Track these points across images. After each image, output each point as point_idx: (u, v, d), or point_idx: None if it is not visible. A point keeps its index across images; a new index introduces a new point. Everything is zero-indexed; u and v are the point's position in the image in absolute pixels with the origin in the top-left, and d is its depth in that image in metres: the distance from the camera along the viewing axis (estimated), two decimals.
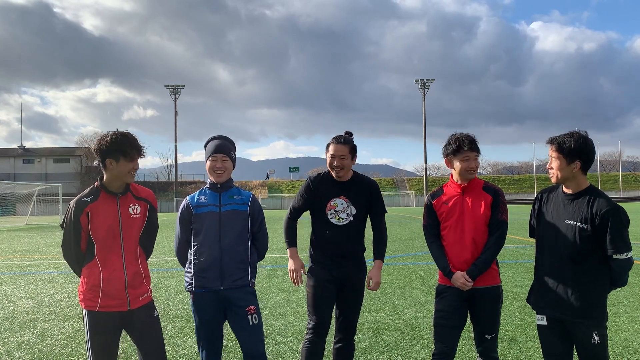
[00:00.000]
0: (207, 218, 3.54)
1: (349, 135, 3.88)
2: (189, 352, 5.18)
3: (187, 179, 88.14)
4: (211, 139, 3.70)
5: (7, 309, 7.32)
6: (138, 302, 3.26)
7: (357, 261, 3.89)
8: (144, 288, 3.31)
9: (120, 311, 3.20)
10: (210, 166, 3.58)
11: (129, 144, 3.16)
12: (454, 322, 3.50)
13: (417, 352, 5.02)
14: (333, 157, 3.77)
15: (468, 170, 3.49)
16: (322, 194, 3.84)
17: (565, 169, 3.10)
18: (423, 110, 76.98)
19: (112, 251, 3.19)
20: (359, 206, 3.83)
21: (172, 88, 77.96)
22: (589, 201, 3.07)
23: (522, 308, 6.69)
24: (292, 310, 6.85)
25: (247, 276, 3.56)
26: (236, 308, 3.49)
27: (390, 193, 75.07)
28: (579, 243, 3.07)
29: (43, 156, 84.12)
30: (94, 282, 3.18)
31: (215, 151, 3.57)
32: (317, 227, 3.87)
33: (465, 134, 3.53)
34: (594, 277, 3.09)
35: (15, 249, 17.05)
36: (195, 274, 3.53)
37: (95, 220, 3.16)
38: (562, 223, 3.14)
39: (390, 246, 14.88)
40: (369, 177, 4.04)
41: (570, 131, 3.13)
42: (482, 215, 3.47)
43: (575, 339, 3.15)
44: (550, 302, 3.18)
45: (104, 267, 3.18)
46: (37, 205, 48.83)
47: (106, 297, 3.17)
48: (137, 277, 3.27)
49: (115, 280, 3.18)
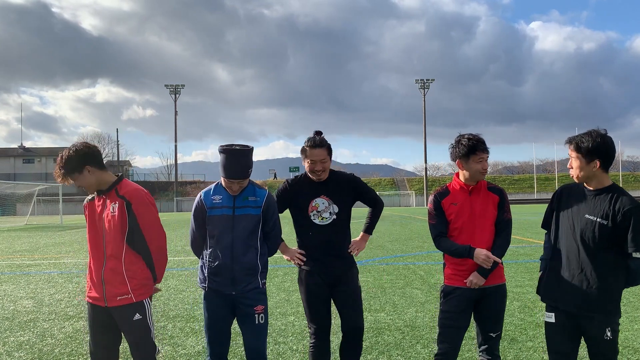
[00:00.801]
0: (221, 223, 3.50)
1: (320, 134, 3.80)
2: (189, 352, 5.18)
3: (187, 179, 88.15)
4: (226, 151, 3.42)
5: (8, 309, 7.32)
6: (115, 302, 3.28)
7: (346, 260, 3.85)
8: (124, 289, 3.27)
9: (100, 305, 3.33)
10: (226, 185, 3.51)
11: (99, 153, 3.44)
12: (460, 323, 3.50)
13: (417, 352, 5.03)
14: (314, 162, 3.72)
15: (482, 171, 3.48)
16: (301, 195, 3.81)
17: (585, 168, 3.12)
18: (423, 110, 77.00)
19: (96, 247, 3.36)
20: (341, 204, 3.81)
21: (172, 88, 77.98)
22: (611, 198, 3.08)
23: (522, 308, 6.69)
24: (292, 310, 6.85)
25: (258, 279, 3.56)
26: (245, 307, 3.51)
27: (390, 193, 74.99)
28: (597, 238, 3.07)
29: (43, 156, 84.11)
30: (88, 273, 3.44)
31: (230, 177, 3.43)
32: (301, 229, 3.85)
33: (475, 134, 3.51)
34: (610, 273, 3.10)
35: (16, 248, 17.05)
36: (209, 275, 3.55)
37: (87, 217, 3.43)
38: (582, 218, 3.14)
39: (390, 246, 14.88)
40: (345, 172, 4.03)
41: (589, 130, 3.14)
42: (490, 215, 3.49)
43: (587, 334, 3.16)
44: (565, 296, 3.18)
45: (92, 261, 3.40)
46: (37, 205, 48.83)
47: (91, 289, 3.38)
48: (116, 275, 3.27)
49: (95, 275, 3.35)
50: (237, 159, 3.43)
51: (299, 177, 3.93)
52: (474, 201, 3.51)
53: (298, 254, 3.81)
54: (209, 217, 3.53)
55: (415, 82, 77.70)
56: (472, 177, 3.50)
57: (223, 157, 3.44)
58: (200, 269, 3.64)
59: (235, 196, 3.53)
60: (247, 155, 3.46)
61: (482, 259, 3.35)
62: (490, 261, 3.35)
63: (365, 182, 4.04)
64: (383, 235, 18.62)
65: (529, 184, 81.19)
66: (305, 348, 5.10)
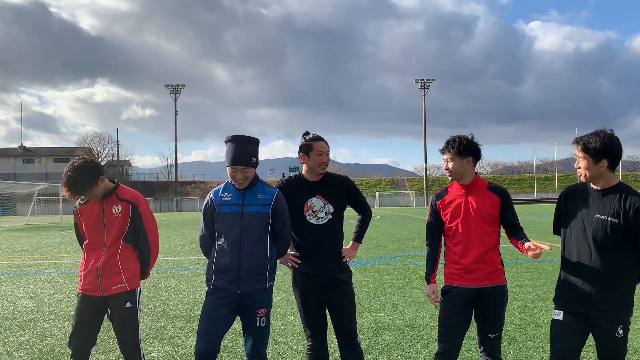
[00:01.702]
0: (229, 220, 3.50)
1: (309, 134, 3.87)
2: (189, 352, 5.18)
3: (187, 179, 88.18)
4: (231, 140, 3.50)
5: (8, 309, 7.32)
6: (110, 291, 3.61)
7: (340, 261, 3.83)
8: (119, 279, 3.62)
9: (95, 296, 3.61)
10: (230, 175, 3.51)
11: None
12: (459, 322, 3.50)
13: (418, 352, 5.02)
14: (322, 154, 3.76)
15: (446, 171, 3.58)
16: (297, 195, 3.80)
17: (592, 168, 3.13)
18: (423, 110, 77.04)
19: (94, 244, 3.65)
20: (335, 204, 3.82)
21: (172, 88, 78.00)
22: (620, 196, 3.11)
23: (522, 308, 6.69)
24: (292, 310, 6.84)
25: (265, 280, 3.54)
26: (248, 309, 3.49)
27: (390, 193, 74.91)
28: (610, 236, 3.09)
29: (43, 156, 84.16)
30: (81, 268, 3.72)
31: (233, 163, 3.46)
32: (296, 230, 3.82)
33: (454, 135, 3.58)
34: (623, 271, 3.11)
35: (16, 248, 17.06)
36: (215, 273, 3.53)
37: (84, 219, 3.68)
38: (592, 218, 3.15)
39: (391, 246, 14.90)
40: (339, 174, 4.08)
41: (596, 130, 3.17)
42: (487, 214, 3.48)
43: (598, 333, 3.16)
44: (577, 297, 3.18)
45: (87, 257, 3.68)
46: (37, 205, 48.85)
47: (85, 282, 3.64)
48: (112, 268, 3.62)
49: (92, 269, 3.62)
50: (240, 145, 3.47)
51: (293, 178, 3.92)
52: (470, 201, 3.52)
53: (292, 257, 3.79)
54: (218, 214, 3.53)
55: (415, 82, 77.81)
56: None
57: (228, 145, 3.50)
58: (208, 267, 3.63)
59: (244, 194, 3.52)
60: (250, 143, 3.50)
61: (427, 295, 3.63)
62: (539, 251, 3.25)
63: (358, 188, 4.05)
64: (383, 235, 18.63)
65: (529, 184, 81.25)
66: (305, 348, 5.10)
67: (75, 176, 3.45)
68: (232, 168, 3.47)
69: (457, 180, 3.56)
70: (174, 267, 11.13)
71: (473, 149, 3.51)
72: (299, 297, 3.83)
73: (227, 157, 3.49)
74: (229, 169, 3.49)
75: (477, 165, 3.64)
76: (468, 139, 3.52)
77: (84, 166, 3.50)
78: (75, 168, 3.47)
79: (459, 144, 3.49)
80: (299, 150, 3.84)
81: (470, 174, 3.53)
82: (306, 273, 3.77)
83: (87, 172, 3.49)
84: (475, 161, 3.54)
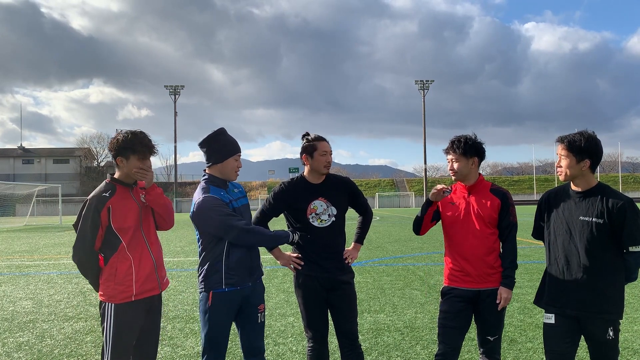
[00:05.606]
0: (244, 213, 3.54)
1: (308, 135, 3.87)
2: (189, 352, 5.17)
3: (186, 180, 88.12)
4: (220, 132, 3.47)
5: (7, 310, 7.32)
6: (164, 284, 3.48)
7: (342, 263, 3.81)
8: (165, 270, 3.51)
9: (153, 295, 3.37)
10: (233, 165, 3.46)
11: (138, 142, 3.27)
12: (458, 323, 3.50)
13: (417, 353, 5.02)
14: (326, 154, 3.76)
15: (450, 171, 3.58)
16: (299, 198, 3.77)
17: (574, 167, 3.14)
18: (423, 111, 77.04)
19: (138, 239, 3.31)
20: (338, 206, 3.81)
21: (171, 89, 77.95)
22: (602, 197, 3.12)
23: (522, 309, 6.69)
24: (292, 311, 6.84)
25: (260, 268, 3.61)
26: (249, 306, 3.48)
27: (389, 194, 74.86)
28: (596, 238, 3.09)
29: (42, 157, 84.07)
30: (125, 272, 3.25)
31: (238, 149, 3.47)
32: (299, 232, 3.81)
33: (458, 135, 3.58)
34: (610, 272, 3.12)
35: (15, 249, 17.05)
36: (226, 272, 3.37)
37: (118, 213, 3.24)
38: (576, 220, 3.16)
39: (390, 247, 14.89)
40: (341, 175, 4.07)
41: (580, 131, 3.19)
42: (487, 216, 3.47)
43: (589, 334, 3.17)
44: (567, 301, 3.18)
45: (134, 255, 3.28)
46: (37, 205, 48.80)
47: (141, 283, 3.29)
48: (161, 259, 3.49)
49: (146, 266, 3.33)
50: (229, 135, 3.51)
51: (295, 180, 3.89)
52: (471, 201, 3.52)
53: (295, 259, 3.77)
54: (236, 209, 3.46)
55: (415, 82, 77.80)
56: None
57: (222, 138, 3.45)
58: (214, 269, 3.38)
59: (227, 190, 3.50)
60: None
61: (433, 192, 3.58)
62: (509, 299, 3.44)
63: (359, 189, 4.05)
64: (382, 236, 18.62)
65: (528, 185, 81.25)
66: (305, 349, 5.10)
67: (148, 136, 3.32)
68: (237, 156, 3.48)
69: (461, 180, 3.56)
70: (174, 268, 11.13)
71: (478, 148, 3.50)
72: (301, 298, 3.81)
73: (229, 147, 3.44)
74: (233, 159, 3.45)
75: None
76: (473, 139, 3.52)
77: (120, 135, 3.31)
78: (140, 131, 3.33)
79: (464, 144, 3.48)
80: (302, 152, 3.79)
81: (474, 175, 3.54)
82: (309, 275, 3.76)
83: (114, 143, 3.32)
84: (480, 161, 3.55)
